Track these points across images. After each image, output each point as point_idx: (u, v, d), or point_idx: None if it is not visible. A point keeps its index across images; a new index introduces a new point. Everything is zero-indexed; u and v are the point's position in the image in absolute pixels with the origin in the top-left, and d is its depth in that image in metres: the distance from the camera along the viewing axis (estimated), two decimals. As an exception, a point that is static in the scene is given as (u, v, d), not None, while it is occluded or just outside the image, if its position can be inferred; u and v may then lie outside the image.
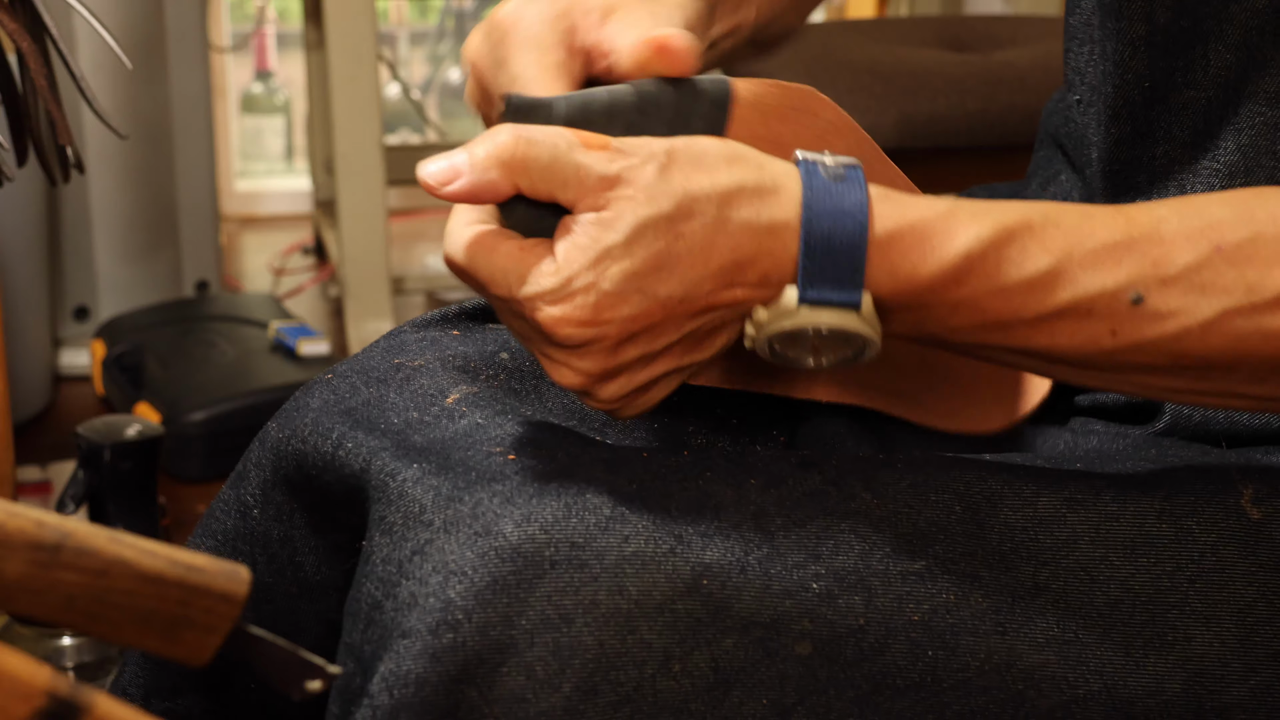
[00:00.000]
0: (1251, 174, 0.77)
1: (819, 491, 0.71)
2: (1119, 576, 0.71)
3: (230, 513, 0.83)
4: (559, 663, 0.66)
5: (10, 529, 0.54)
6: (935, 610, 0.69)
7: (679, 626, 0.67)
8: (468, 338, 0.85)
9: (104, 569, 0.55)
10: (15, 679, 0.51)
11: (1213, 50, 0.78)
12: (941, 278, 0.67)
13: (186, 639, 0.57)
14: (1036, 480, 0.72)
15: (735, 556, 0.68)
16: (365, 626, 0.69)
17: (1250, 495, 0.73)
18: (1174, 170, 0.80)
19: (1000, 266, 0.67)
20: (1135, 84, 0.81)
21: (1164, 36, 0.79)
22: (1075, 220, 0.68)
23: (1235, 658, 0.71)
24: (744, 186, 0.66)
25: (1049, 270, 0.67)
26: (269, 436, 0.81)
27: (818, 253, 0.66)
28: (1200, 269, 0.67)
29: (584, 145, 0.66)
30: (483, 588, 0.66)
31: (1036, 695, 0.69)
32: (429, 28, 3.70)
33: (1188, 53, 0.78)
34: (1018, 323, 0.68)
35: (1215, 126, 0.78)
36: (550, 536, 0.67)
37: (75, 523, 0.55)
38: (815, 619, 0.68)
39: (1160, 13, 0.79)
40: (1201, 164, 0.79)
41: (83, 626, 0.56)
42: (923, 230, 0.67)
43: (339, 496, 0.77)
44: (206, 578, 0.57)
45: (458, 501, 0.69)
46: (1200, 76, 0.78)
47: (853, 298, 0.67)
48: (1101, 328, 0.67)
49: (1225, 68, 0.77)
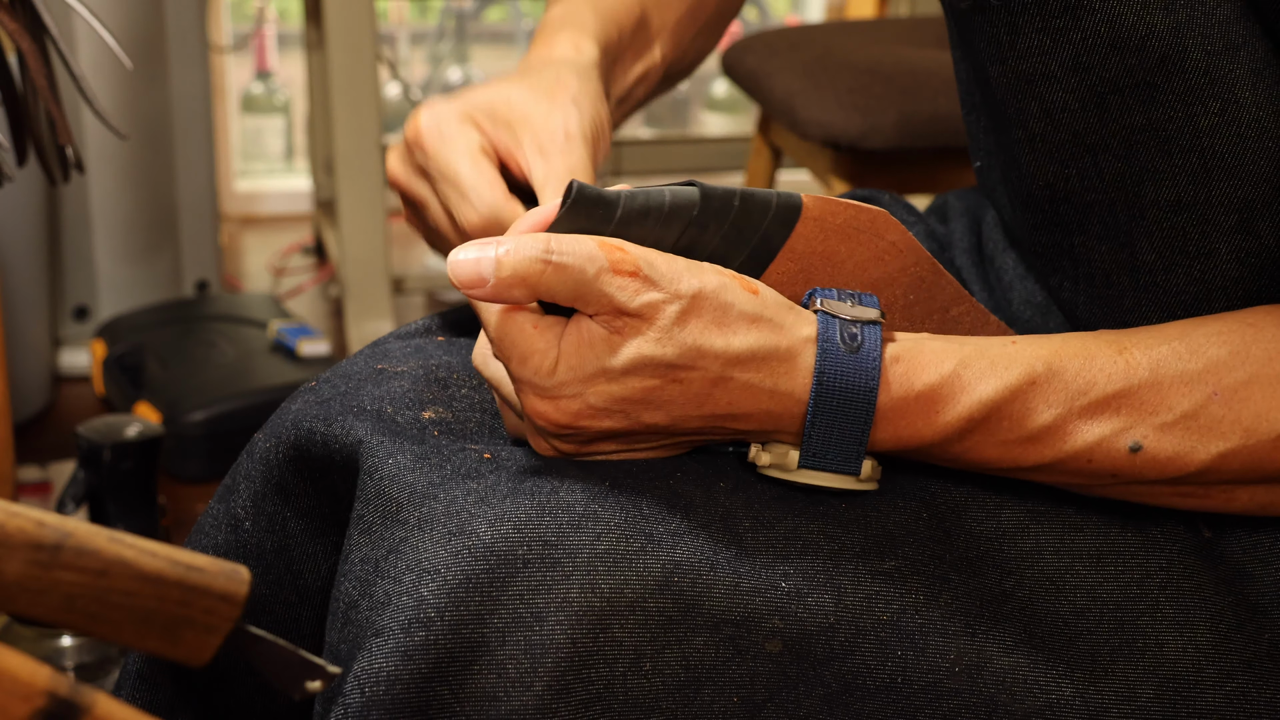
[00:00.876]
0: (1171, 272, 0.76)
1: (786, 495, 0.71)
2: (1085, 585, 0.72)
3: (220, 527, 0.82)
4: (531, 661, 0.66)
5: (10, 529, 0.54)
6: (904, 610, 0.70)
7: (650, 625, 0.67)
8: (452, 345, 0.86)
9: (104, 569, 0.55)
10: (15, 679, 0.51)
11: (1102, 159, 0.75)
12: (945, 436, 0.70)
13: (187, 639, 0.57)
14: (1000, 492, 0.73)
15: (705, 555, 0.68)
16: (342, 625, 0.70)
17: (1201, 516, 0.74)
18: (1095, 259, 0.79)
19: (1002, 424, 0.70)
20: (1032, 182, 0.79)
21: (1044, 144, 0.77)
22: (1078, 368, 0.70)
23: (1209, 664, 0.71)
24: (757, 352, 0.68)
25: (1050, 425, 0.70)
26: (256, 448, 0.81)
27: (822, 432, 0.69)
28: (1198, 414, 0.70)
29: (614, 268, 0.67)
30: (455, 586, 0.66)
31: (1009, 700, 0.70)
32: (429, 28, 3.70)
33: (1078, 161, 0.76)
34: (1018, 469, 0.72)
35: (1126, 226, 0.77)
36: (523, 535, 0.67)
37: (75, 523, 0.55)
38: (785, 616, 0.68)
39: (1032, 123, 0.76)
40: (1121, 259, 0.78)
41: (83, 626, 0.56)
42: (929, 398, 0.70)
43: (342, 492, 0.77)
44: (207, 578, 0.57)
45: (432, 499, 0.69)
46: (1096, 182, 0.76)
47: (853, 468, 0.70)
48: (1102, 472, 0.71)
49: (1119, 175, 0.75)
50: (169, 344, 2.27)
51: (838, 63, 1.97)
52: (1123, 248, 0.77)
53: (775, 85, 2.00)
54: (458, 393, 0.82)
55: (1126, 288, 0.78)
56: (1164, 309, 0.77)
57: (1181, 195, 0.74)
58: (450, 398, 0.81)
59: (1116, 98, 0.73)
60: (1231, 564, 0.73)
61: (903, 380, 0.70)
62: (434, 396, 0.80)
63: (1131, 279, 0.78)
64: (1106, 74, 0.72)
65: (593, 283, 0.67)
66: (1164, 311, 0.77)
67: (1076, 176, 0.77)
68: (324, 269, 3.00)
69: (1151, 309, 0.77)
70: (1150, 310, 0.77)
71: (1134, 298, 0.78)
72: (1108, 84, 0.73)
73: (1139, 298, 0.78)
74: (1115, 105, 0.73)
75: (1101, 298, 0.79)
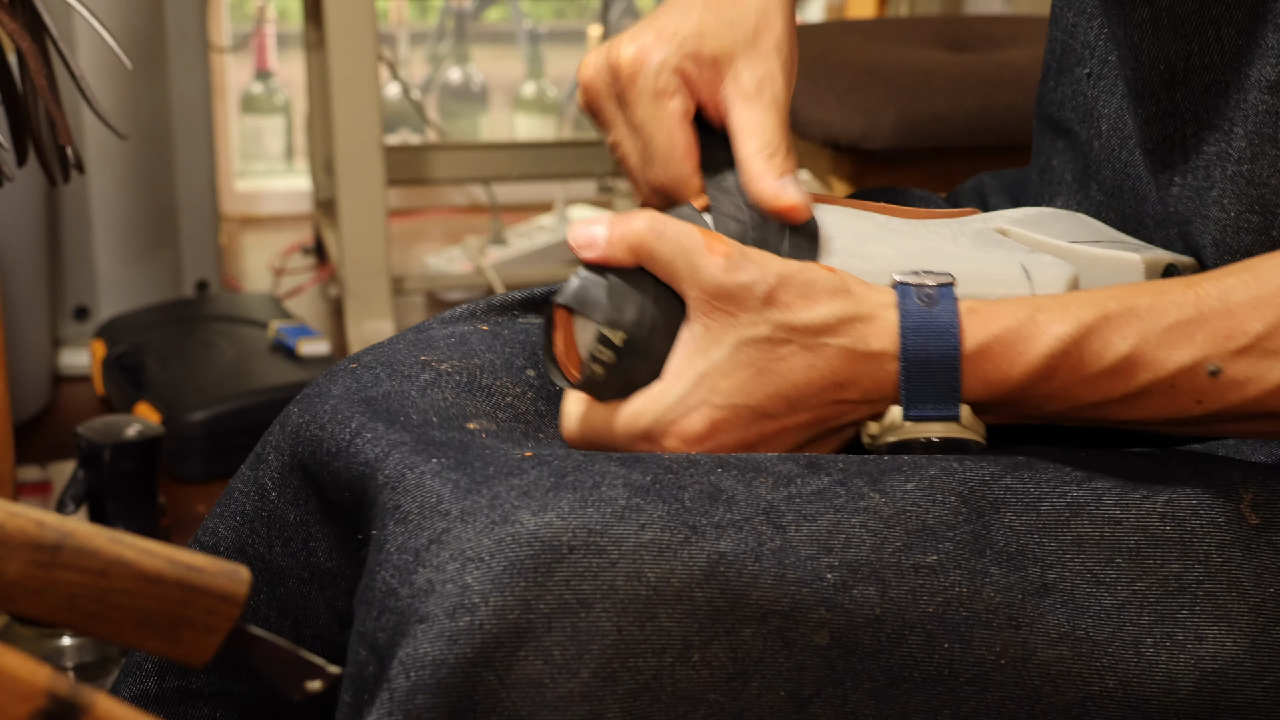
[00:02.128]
0: (1257, 160, 0.77)
1: (827, 490, 0.72)
2: (1125, 579, 0.72)
3: (249, 494, 0.84)
4: (577, 648, 0.66)
5: (10, 529, 0.54)
6: (949, 603, 0.70)
7: (698, 615, 0.67)
8: (497, 339, 0.86)
9: (104, 569, 0.55)
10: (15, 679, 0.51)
11: (1225, 34, 0.78)
12: (1030, 377, 0.73)
13: (187, 639, 0.57)
14: (1039, 485, 0.73)
15: (749, 546, 0.69)
16: (379, 614, 0.69)
17: (1250, 500, 0.74)
18: (1202, 148, 0.81)
19: (1083, 359, 0.73)
20: (1150, 66, 0.82)
21: (1170, 18, 0.80)
22: (1149, 302, 0.73)
23: (1249, 658, 0.72)
24: (843, 318, 0.73)
25: (1128, 355, 0.73)
26: (289, 420, 0.82)
27: (916, 378, 0.73)
28: (1271, 335, 0.72)
29: (708, 248, 0.74)
30: (499, 572, 0.66)
31: (1053, 691, 0.70)
32: (429, 28, 3.70)
33: (1200, 35, 0.79)
34: (1108, 403, 0.74)
35: (1229, 111, 0.79)
36: (567, 524, 0.67)
37: (75, 523, 0.55)
38: (832, 608, 0.69)
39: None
40: (1221, 146, 0.80)
41: (83, 626, 0.56)
42: (1009, 339, 0.73)
43: (344, 485, 0.77)
44: (206, 578, 0.57)
45: (475, 493, 0.69)
46: (1216, 59, 0.79)
47: (952, 411, 0.74)
48: (1186, 399, 0.73)
49: (1237, 52, 0.78)
50: (169, 344, 2.27)
51: (837, 63, 1.97)
52: (1224, 136, 0.79)
53: (775, 85, 2.00)
54: (502, 401, 0.82)
55: (1217, 179, 0.80)
56: (1246, 202, 0.78)
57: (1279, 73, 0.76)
58: (495, 407, 0.81)
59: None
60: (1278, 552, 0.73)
61: (980, 326, 0.73)
62: (477, 409, 0.81)
63: (1222, 170, 0.79)
64: None
65: (690, 254, 0.74)
66: (1246, 205, 0.78)
67: (1198, 53, 0.79)
68: (324, 269, 3.00)
69: (1233, 202, 0.79)
70: (1233, 204, 0.79)
71: (1221, 188, 0.79)
72: None
73: (1225, 189, 0.79)
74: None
75: (1198, 190, 0.81)
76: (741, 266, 0.73)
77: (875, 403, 0.74)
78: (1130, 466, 0.76)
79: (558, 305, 0.76)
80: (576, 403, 0.77)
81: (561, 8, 3.87)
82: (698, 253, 0.74)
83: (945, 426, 0.74)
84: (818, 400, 0.74)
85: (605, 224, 0.75)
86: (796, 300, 0.73)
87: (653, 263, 0.74)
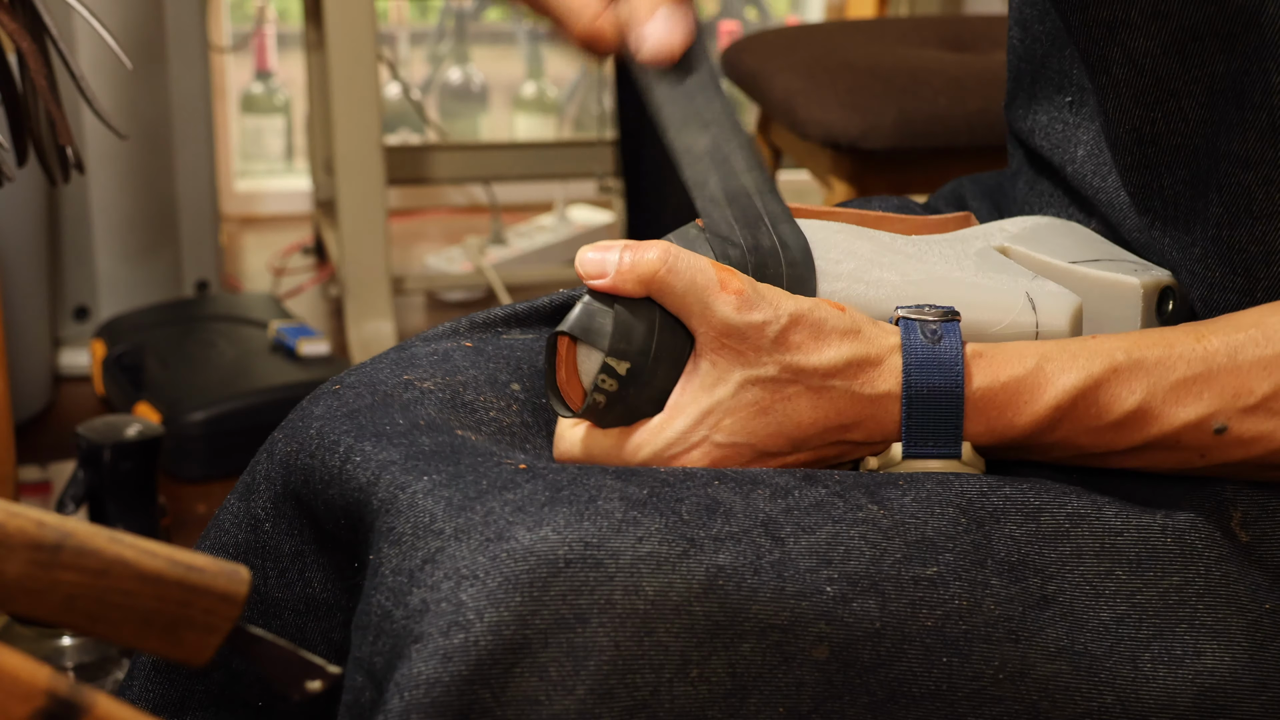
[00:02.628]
0: (1235, 228, 0.77)
1: (825, 502, 0.71)
2: (1125, 591, 0.72)
3: (241, 526, 0.82)
4: (573, 664, 0.65)
5: (10, 529, 0.54)
6: (948, 616, 0.69)
7: (696, 630, 0.66)
8: (480, 355, 0.84)
9: (104, 569, 0.55)
10: (15, 679, 0.51)
11: (1186, 104, 0.78)
12: (1035, 427, 0.73)
13: (187, 639, 0.57)
14: (1039, 495, 0.73)
15: (748, 559, 0.68)
16: (375, 638, 0.68)
17: (1239, 519, 0.74)
18: (1180, 202, 0.81)
19: (1090, 411, 0.73)
20: (1118, 125, 0.81)
21: (1129, 89, 0.80)
22: (1157, 355, 0.73)
23: (1246, 672, 0.71)
24: (851, 361, 0.73)
25: (1135, 410, 0.73)
26: (277, 450, 0.80)
27: (918, 415, 0.73)
28: (1278, 396, 0.72)
29: (722, 285, 0.73)
30: (495, 588, 0.65)
31: (1051, 707, 0.70)
32: (429, 28, 3.70)
33: (1162, 105, 0.79)
34: (1111, 454, 0.74)
35: (1204, 176, 0.78)
36: (563, 538, 0.66)
37: (75, 523, 0.55)
38: (832, 621, 0.68)
39: (1116, 69, 0.79)
40: (1198, 207, 0.79)
41: (83, 626, 0.56)
42: (1015, 388, 0.73)
43: (339, 511, 0.76)
44: (207, 578, 0.57)
45: (468, 510, 0.68)
46: (1180, 126, 0.79)
47: (953, 451, 0.74)
48: (1191, 453, 0.73)
49: (1202, 122, 0.78)
50: (169, 344, 2.27)
51: (837, 63, 1.97)
52: (1199, 196, 0.79)
53: (775, 85, 2.00)
54: (485, 415, 0.80)
55: (1199, 237, 0.79)
56: (1229, 265, 0.78)
57: (1250, 152, 0.75)
58: (479, 422, 0.80)
59: (1196, 45, 0.75)
60: (1270, 569, 0.73)
61: (987, 372, 0.73)
62: (461, 422, 0.79)
63: (1203, 230, 0.79)
64: (1185, 21, 0.75)
65: (701, 292, 0.72)
66: (1229, 268, 0.78)
67: (1162, 120, 0.79)
68: (324, 269, 3.00)
69: (1217, 263, 0.78)
70: (1216, 265, 0.79)
71: (1203, 248, 0.79)
72: (1187, 31, 0.75)
73: (1208, 249, 0.79)
74: (1196, 52, 0.76)
75: (1182, 243, 0.81)
76: (755, 305, 0.72)
77: (877, 443, 0.74)
78: (1126, 481, 0.76)
79: (561, 333, 0.75)
80: (574, 427, 0.77)
81: (561, 8, 3.87)
82: (710, 290, 0.72)
83: (945, 464, 0.74)
84: (820, 440, 0.74)
85: (615, 252, 0.74)
86: (807, 341, 0.72)
87: (664, 296, 0.73)
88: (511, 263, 2.91)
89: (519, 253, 2.95)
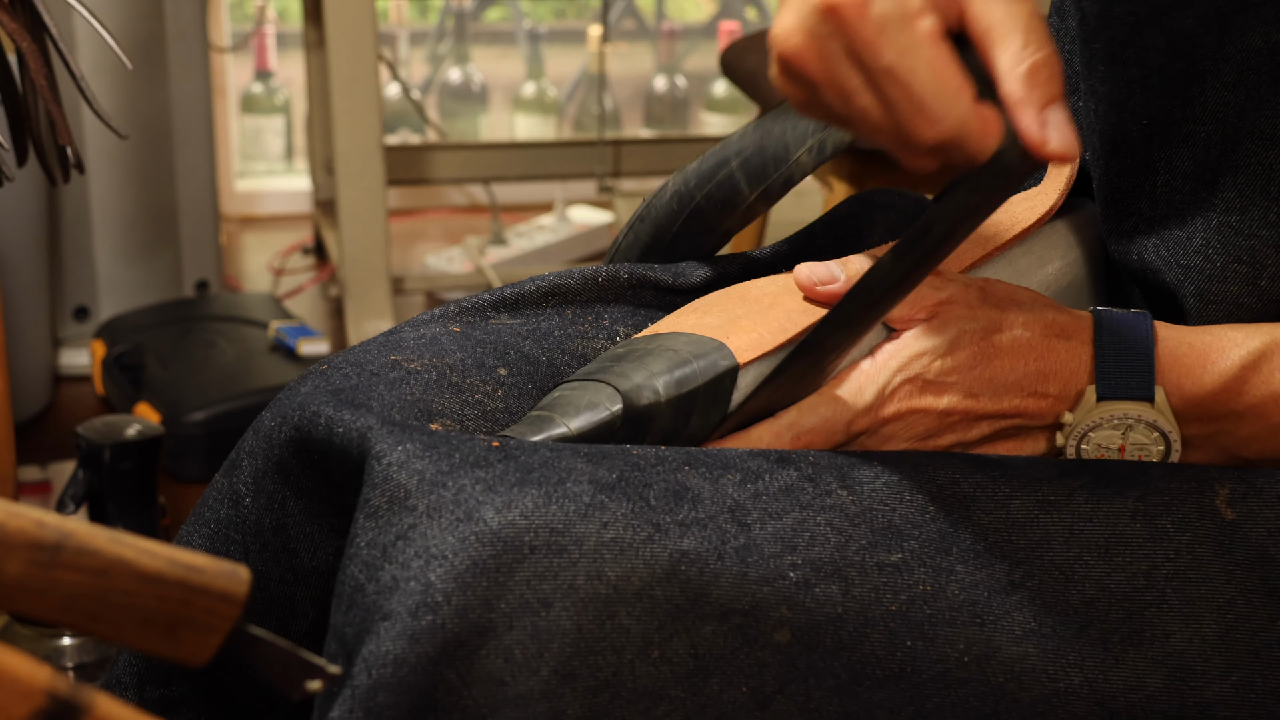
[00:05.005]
0: (1246, 211, 0.78)
1: (794, 486, 0.72)
2: (1094, 576, 0.72)
3: (223, 502, 0.83)
4: (537, 646, 0.67)
5: (10, 529, 0.54)
6: (912, 601, 0.70)
7: (658, 613, 0.68)
8: (468, 339, 0.85)
9: (104, 569, 0.55)
10: (15, 679, 0.51)
11: (1210, 88, 0.79)
12: (1223, 389, 0.76)
13: (187, 639, 0.57)
14: (1010, 482, 0.74)
15: (712, 544, 0.69)
16: (348, 608, 0.70)
17: (1225, 495, 0.75)
18: (1174, 198, 0.82)
19: (1275, 374, 0.76)
20: (1133, 122, 0.82)
21: (1160, 78, 0.80)
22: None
23: (1216, 654, 0.72)
24: (1045, 315, 0.78)
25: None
26: (262, 425, 0.82)
27: (1111, 358, 0.77)
28: None
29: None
30: (462, 571, 0.67)
31: (1017, 688, 0.70)
32: (429, 28, 3.69)
33: (1185, 91, 0.80)
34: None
35: (1215, 161, 0.79)
36: (530, 522, 0.68)
37: (75, 523, 0.56)
38: (793, 606, 0.69)
39: (1154, 56, 0.80)
40: (1201, 196, 0.80)
41: (83, 626, 0.56)
42: (1200, 349, 0.77)
43: (338, 479, 0.77)
44: (207, 578, 0.57)
45: (441, 487, 0.70)
46: (1199, 112, 0.80)
47: (1147, 393, 0.76)
48: None
49: (1223, 105, 0.79)
50: (169, 344, 2.27)
51: (838, 63, 1.97)
52: (1205, 185, 0.80)
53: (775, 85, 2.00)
54: (470, 398, 0.82)
55: (1199, 229, 0.80)
56: (1233, 252, 0.79)
57: (1278, 128, 0.76)
58: (463, 404, 0.81)
59: (1240, 18, 0.76)
60: (1252, 548, 0.74)
61: (1173, 334, 0.78)
62: (444, 407, 0.80)
63: (1205, 219, 0.80)
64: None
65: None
66: (1232, 256, 0.79)
67: (1180, 107, 0.80)
68: (324, 269, 3.00)
69: (1219, 252, 0.80)
70: (1218, 254, 0.80)
71: (1204, 238, 0.80)
72: (1235, 3, 0.76)
73: (1209, 238, 0.80)
74: (1238, 26, 0.76)
75: (1173, 240, 0.82)
76: (948, 280, 0.78)
77: (1069, 399, 0.77)
78: (1106, 463, 0.76)
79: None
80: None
81: (561, 8, 3.87)
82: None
83: (1139, 406, 0.76)
84: (1019, 391, 0.77)
85: (841, 267, 0.80)
86: (1005, 298, 0.78)
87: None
88: (511, 263, 2.91)
89: (519, 253, 2.95)
